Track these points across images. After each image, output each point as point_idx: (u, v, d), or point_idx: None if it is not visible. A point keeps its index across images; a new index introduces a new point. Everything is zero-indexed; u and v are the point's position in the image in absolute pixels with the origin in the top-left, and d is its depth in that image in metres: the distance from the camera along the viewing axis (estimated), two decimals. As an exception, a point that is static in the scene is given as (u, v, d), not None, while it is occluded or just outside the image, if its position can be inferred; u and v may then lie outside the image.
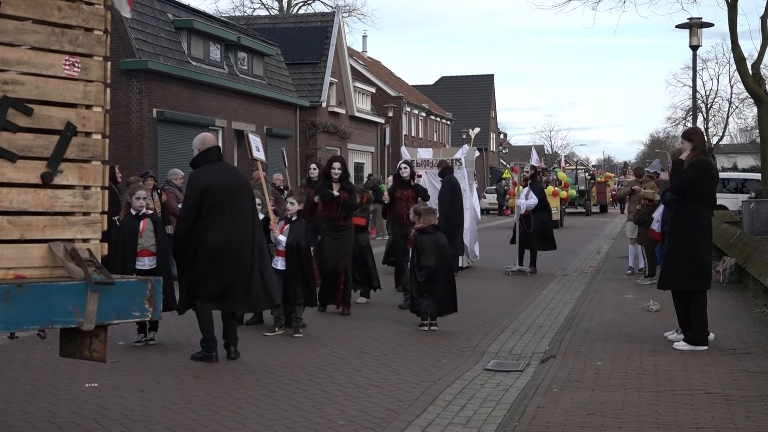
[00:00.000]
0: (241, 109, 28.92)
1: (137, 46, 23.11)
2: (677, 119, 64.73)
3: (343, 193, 11.08)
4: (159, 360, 8.40)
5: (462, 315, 10.96)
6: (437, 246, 10.14)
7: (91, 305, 4.45)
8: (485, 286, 14.67)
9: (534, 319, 11.06)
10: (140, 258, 9.06)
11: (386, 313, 11.46)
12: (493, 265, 16.74)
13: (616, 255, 19.69)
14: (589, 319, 10.51)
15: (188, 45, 26.24)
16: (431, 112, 58.96)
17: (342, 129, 38.32)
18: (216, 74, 27.42)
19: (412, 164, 14.32)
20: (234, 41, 28.64)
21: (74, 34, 4.73)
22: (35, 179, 4.59)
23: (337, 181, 11.14)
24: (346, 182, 11.27)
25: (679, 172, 8.35)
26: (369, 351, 8.90)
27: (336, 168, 11.14)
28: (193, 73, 25.58)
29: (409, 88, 60.32)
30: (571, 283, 14.89)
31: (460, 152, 17.27)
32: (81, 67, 4.75)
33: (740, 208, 21.12)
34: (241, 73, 29.57)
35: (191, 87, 25.60)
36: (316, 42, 36.99)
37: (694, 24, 18.32)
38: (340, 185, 11.14)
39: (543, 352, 8.84)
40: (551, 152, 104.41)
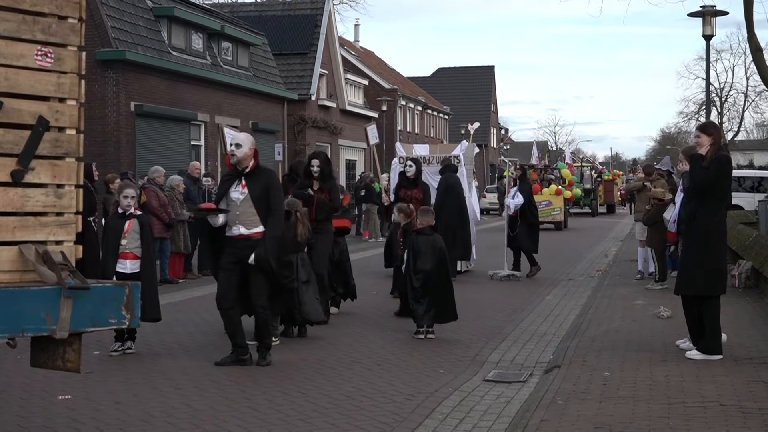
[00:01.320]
0: (224, 103, 28.90)
1: (114, 35, 23.08)
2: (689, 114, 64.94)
3: (319, 193, 11.01)
4: (137, 370, 8.38)
5: (461, 322, 10.96)
6: (434, 248, 10.15)
7: (65, 312, 4.44)
8: (485, 291, 14.68)
9: (537, 327, 11.07)
10: (122, 260, 9.05)
11: (380, 320, 11.46)
12: (493, 269, 16.76)
13: (624, 258, 19.73)
14: (595, 327, 10.52)
15: (168, 34, 26.21)
16: (428, 106, 59.02)
17: (333, 124, 38.33)
18: (198, 65, 27.40)
19: (419, 162, 14.34)
20: (217, 30, 28.63)
21: (47, 22, 4.72)
22: (5, 177, 4.58)
23: (316, 179, 11.07)
24: (327, 181, 11.13)
25: (701, 169, 8.28)
26: (361, 360, 8.89)
27: (314, 165, 11.08)
28: (173, 64, 25.55)
29: (404, 81, 60.36)
30: (576, 289, 14.91)
31: (458, 149, 17.30)
32: (54, 57, 4.73)
33: (757, 208, 21.16)
34: (225, 64, 29.55)
35: (171, 79, 25.57)
36: (305, 31, 36.98)
37: (707, 12, 18.38)
38: (319, 184, 11.08)
39: (547, 362, 8.85)
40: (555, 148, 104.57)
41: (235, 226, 8.46)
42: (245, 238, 8.40)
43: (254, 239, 8.37)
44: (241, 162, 8.48)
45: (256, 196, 8.41)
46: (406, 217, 11.21)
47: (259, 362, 8.54)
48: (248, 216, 8.42)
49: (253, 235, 8.40)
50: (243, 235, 8.43)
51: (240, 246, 8.39)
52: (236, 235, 8.45)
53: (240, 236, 8.43)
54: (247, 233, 8.42)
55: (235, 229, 8.46)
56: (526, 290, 14.71)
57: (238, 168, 8.53)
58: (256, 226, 8.42)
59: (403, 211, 11.27)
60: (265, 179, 8.53)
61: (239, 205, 8.44)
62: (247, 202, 8.43)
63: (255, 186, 8.44)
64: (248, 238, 8.40)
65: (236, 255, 8.40)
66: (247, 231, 8.43)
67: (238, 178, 8.50)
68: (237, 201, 8.45)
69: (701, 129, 8.59)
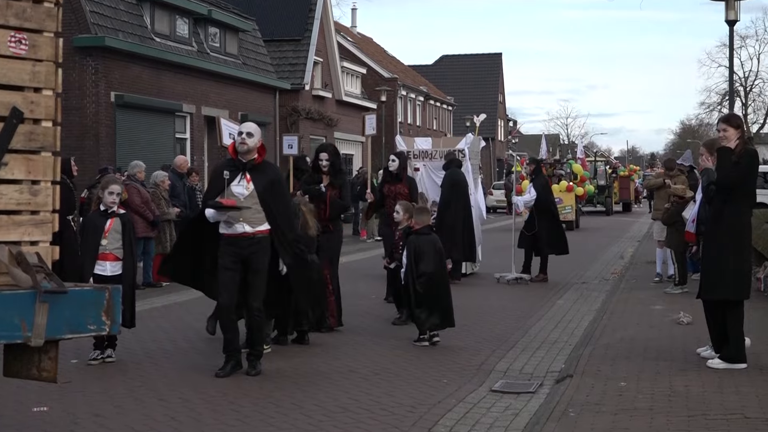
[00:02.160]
0: (212, 93, 28.90)
1: (93, 21, 23.08)
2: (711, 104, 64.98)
3: (332, 189, 10.99)
4: (118, 380, 8.39)
5: (465, 329, 10.97)
6: (435, 249, 10.16)
7: (40, 317, 4.44)
8: (491, 295, 14.68)
9: (548, 334, 11.07)
10: (101, 262, 9.05)
11: (378, 326, 11.47)
12: (500, 271, 16.75)
13: (641, 260, 19.73)
14: (610, 334, 10.53)
15: (151, 19, 26.22)
16: (430, 96, 59.04)
17: (328, 115, 38.34)
18: (183, 52, 27.39)
19: (404, 155, 14.31)
20: (204, 15, 28.63)
21: (21, 6, 4.72)
22: (-25, 173, 4.58)
23: (326, 174, 11.04)
24: (338, 177, 11.12)
25: (730, 164, 8.26)
26: (358, 369, 8.90)
27: (323, 159, 11.04)
28: (156, 52, 25.54)
29: (404, 69, 60.38)
30: (590, 293, 14.92)
31: (463, 142, 17.28)
32: (29, 44, 4.73)
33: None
34: (213, 52, 29.55)
35: (155, 67, 25.57)
36: (299, 16, 36.98)
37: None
38: (330, 180, 11.04)
39: (558, 371, 8.85)
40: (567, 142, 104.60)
41: (238, 223, 8.39)
42: (249, 237, 8.39)
43: (259, 237, 8.39)
44: (249, 153, 8.43)
45: (261, 191, 8.38)
46: (409, 217, 11.22)
47: (249, 371, 8.54)
48: (253, 213, 8.38)
49: (258, 233, 8.40)
50: (247, 234, 8.39)
51: (244, 245, 8.37)
52: (239, 234, 8.39)
53: (244, 234, 8.39)
54: (252, 231, 8.39)
55: (239, 226, 8.39)
56: (536, 294, 14.71)
57: (242, 160, 8.46)
58: (261, 223, 8.41)
59: (408, 211, 11.27)
60: (271, 174, 8.56)
61: (243, 201, 8.38)
62: (252, 197, 8.39)
63: (260, 180, 8.41)
64: (253, 236, 8.39)
65: (239, 255, 8.37)
66: (251, 229, 8.40)
67: (241, 172, 8.43)
68: (241, 196, 8.39)
69: (727, 121, 8.51)
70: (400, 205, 11.43)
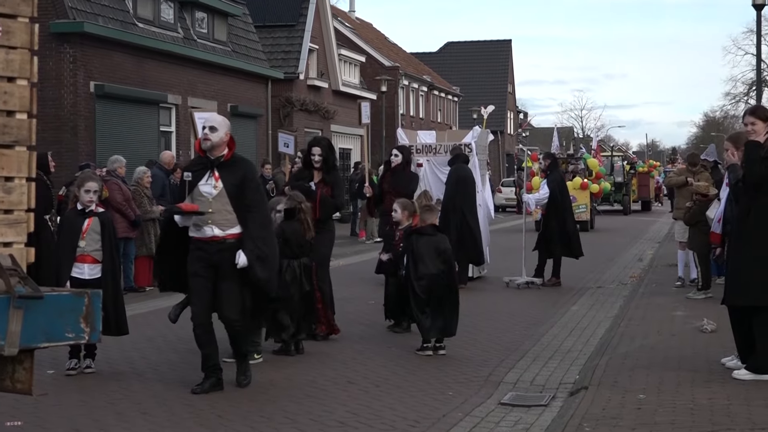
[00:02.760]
0: (199, 83, 28.90)
1: (71, 5, 23.08)
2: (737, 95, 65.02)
3: (322, 186, 10.98)
4: (97, 393, 8.38)
5: (472, 337, 10.97)
6: (438, 250, 10.14)
7: (14, 325, 4.44)
8: (500, 300, 14.68)
9: (561, 342, 11.08)
10: (79, 264, 9.05)
11: (378, 334, 11.47)
12: (509, 275, 16.76)
13: (662, 263, 19.73)
14: (628, 342, 10.52)
15: (134, 3, 26.21)
16: (434, 86, 59.05)
17: (324, 107, 38.34)
18: (168, 39, 27.39)
19: (406, 149, 14.33)
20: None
21: (-7, -11, 4.71)
22: (-56, 169, 4.57)
23: (318, 170, 11.05)
24: (331, 174, 11.12)
25: (759, 159, 8.21)
26: (357, 381, 8.90)
27: (316, 154, 11.04)
28: (139, 38, 25.54)
29: (407, 57, 60.38)
30: (606, 298, 14.92)
31: (469, 136, 17.30)
32: (1, 30, 4.73)
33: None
34: (200, 38, 29.54)
35: (137, 55, 25.56)
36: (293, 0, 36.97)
37: (758, -22, 18.34)
38: (321, 176, 11.05)
39: (572, 383, 8.85)
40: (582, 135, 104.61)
41: (206, 226, 8.19)
42: (219, 241, 8.20)
43: (230, 242, 8.18)
44: (215, 149, 8.27)
45: (231, 190, 8.20)
46: (409, 216, 11.22)
47: (240, 380, 8.49)
48: (223, 214, 8.22)
49: (228, 237, 8.20)
50: (217, 237, 8.20)
51: (213, 250, 8.18)
52: (208, 237, 8.22)
53: (213, 238, 8.21)
54: (222, 235, 8.20)
55: (207, 229, 8.21)
56: (548, 300, 14.71)
57: (210, 156, 8.31)
58: (232, 226, 8.21)
59: (407, 209, 11.24)
60: (242, 171, 8.31)
61: (211, 202, 8.22)
62: (221, 197, 8.21)
63: (230, 178, 8.22)
64: (223, 240, 8.20)
65: (209, 260, 8.20)
66: (221, 232, 8.20)
67: (209, 170, 8.28)
68: (209, 196, 8.22)
69: (754, 113, 8.48)
70: (399, 203, 11.40)
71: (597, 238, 27.52)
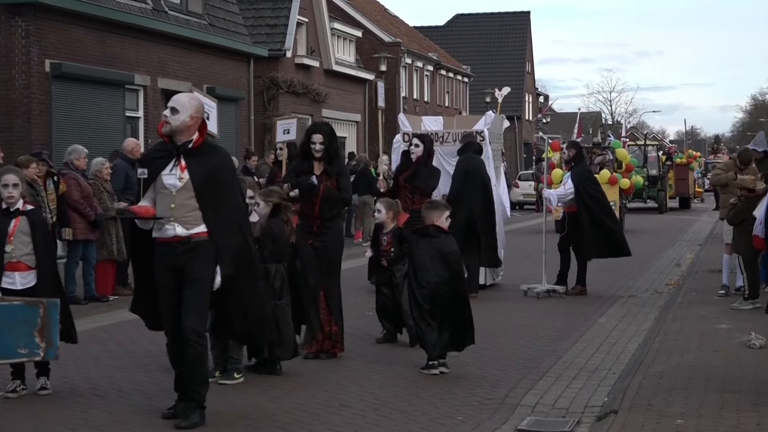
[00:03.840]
0: (171, 61, 28.86)
1: (23, -29, 23.04)
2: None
3: (326, 179, 10.89)
4: (53, 417, 8.37)
5: (485, 353, 10.96)
6: (441, 254, 10.13)
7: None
8: (517, 311, 14.68)
9: (587, 359, 11.08)
10: (9, 273, 8.94)
11: (376, 350, 11.48)
12: (528, 282, 16.76)
13: (703, 268, 19.73)
14: (664, 359, 10.53)
15: (96, -31, 26.17)
16: (441, 65, 59.03)
17: (315, 89, 38.32)
18: (135, 11, 27.36)
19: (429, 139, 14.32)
20: (161, -36, 28.65)
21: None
22: None
23: (319, 160, 10.95)
24: (335, 164, 11.01)
25: None
26: (353, 404, 8.90)
27: (317, 142, 10.93)
28: (102, 10, 25.49)
29: (409, 32, 60.36)
30: (639, 309, 14.92)
31: (481, 122, 17.29)
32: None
33: None
34: (171, 10, 29.52)
35: (100, 29, 25.51)
36: (278, -35, 36.96)
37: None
38: (323, 168, 10.95)
39: (600, 406, 8.86)
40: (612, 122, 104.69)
41: (168, 224, 8.04)
42: (183, 241, 8.02)
43: (196, 242, 8.00)
44: (177, 134, 8.08)
45: (199, 183, 8.02)
46: (394, 217, 11.27)
47: (179, 424, 8.01)
48: (187, 210, 8.03)
49: (194, 236, 8.01)
50: (180, 237, 8.02)
51: (176, 252, 8.01)
52: (170, 237, 8.05)
53: (176, 238, 8.04)
54: (186, 234, 8.02)
55: (169, 228, 8.04)
56: (573, 311, 14.72)
57: (176, 143, 8.12)
58: (198, 224, 8.03)
59: (392, 209, 11.30)
60: (214, 160, 8.16)
61: (175, 195, 8.04)
62: (186, 191, 8.03)
63: (198, 169, 8.04)
64: (187, 240, 8.02)
65: (172, 264, 8.04)
66: (185, 231, 8.02)
67: (174, 158, 8.09)
68: (172, 189, 8.04)
69: None
70: (383, 203, 11.46)
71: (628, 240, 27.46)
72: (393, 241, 11.50)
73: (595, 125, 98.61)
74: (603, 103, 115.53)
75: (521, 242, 24.88)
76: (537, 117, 78.23)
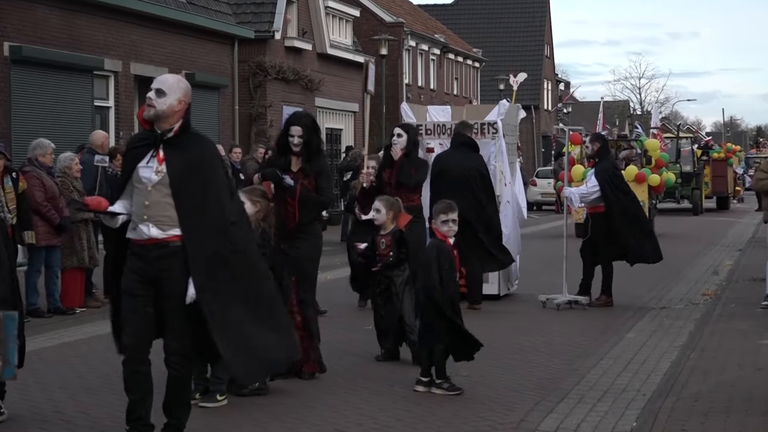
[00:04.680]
0: (145, 44, 28.86)
1: (-21, -57, 23.07)
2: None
3: (302, 178, 10.85)
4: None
5: (498, 372, 10.96)
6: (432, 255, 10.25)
7: None
8: (534, 325, 14.67)
9: (613, 380, 11.07)
10: None
11: (375, 369, 11.49)
12: (546, 292, 16.75)
13: (745, 276, 19.73)
14: (701, 379, 10.52)
15: (61, -59, 26.19)
16: (449, 48, 59.06)
17: (307, 75, 38.31)
18: (105, -13, 27.37)
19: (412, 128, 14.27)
20: (134, -66, 28.65)
21: None
22: None
23: (297, 155, 10.92)
24: (314, 160, 10.97)
25: None
26: (349, 429, 8.89)
27: (295, 135, 10.88)
28: (68, -14, 25.52)
29: (413, 11, 60.41)
30: (672, 322, 14.91)
31: (494, 112, 17.25)
32: None
33: None
34: (146, -14, 29.55)
35: (66, 8, 25.54)
36: (266, -64, 36.98)
37: None
38: (301, 164, 10.93)
39: (628, 431, 8.85)
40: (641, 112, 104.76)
41: (142, 223, 7.82)
42: (160, 244, 7.82)
43: (174, 246, 7.80)
44: (162, 120, 7.89)
45: (176, 178, 7.82)
46: (394, 217, 11.30)
47: None
48: (162, 208, 7.82)
49: (172, 239, 7.81)
50: (155, 240, 7.81)
51: (151, 257, 7.81)
52: (144, 239, 7.84)
53: (150, 241, 7.84)
54: (162, 237, 7.81)
55: (143, 228, 7.81)
56: (597, 324, 14.71)
57: (157, 130, 7.93)
58: (174, 226, 7.87)
59: (392, 208, 11.33)
60: (196, 152, 7.97)
61: (150, 191, 7.83)
62: (163, 186, 7.83)
63: (178, 161, 7.85)
64: (163, 243, 7.81)
65: (145, 271, 7.83)
66: (161, 233, 7.81)
67: (153, 147, 7.89)
68: (148, 183, 7.84)
69: None
70: (382, 201, 11.45)
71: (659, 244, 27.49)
72: (392, 244, 11.49)
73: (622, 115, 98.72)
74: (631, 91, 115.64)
75: (539, 247, 24.87)
76: (557, 106, 78.27)
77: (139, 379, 7.91)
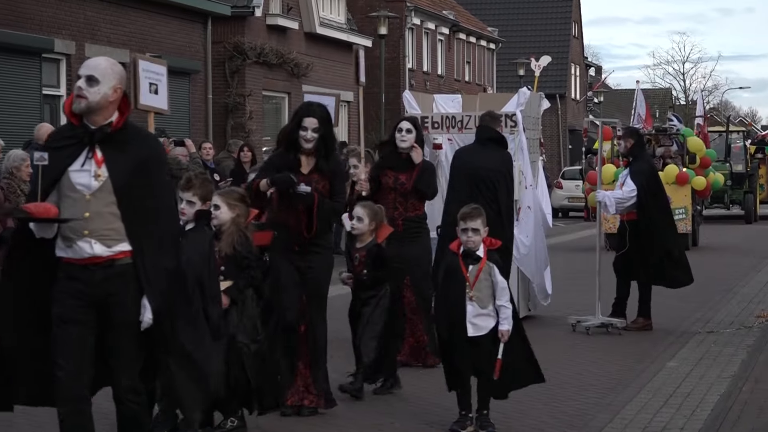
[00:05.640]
0: (102, 22, 28.89)
1: None
2: None
3: (319, 179, 10.79)
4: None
5: (519, 407, 11.02)
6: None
7: None
8: (561, 351, 14.71)
9: (652, 416, 11.12)
10: None
11: (374, 401, 11.59)
12: (575, 313, 16.80)
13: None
14: (754, 415, 10.58)
15: None
16: (460, 28, 59.06)
17: (293, 58, 38.32)
18: (56, -44, 27.45)
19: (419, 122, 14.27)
20: None
21: None
22: None
23: (309, 152, 10.86)
24: (328, 159, 10.85)
25: None
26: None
27: (309, 128, 10.83)
28: (13, -45, 25.61)
29: (418, -17, 60.46)
30: (720, 349, 14.94)
31: (513, 102, 17.26)
32: None
33: None
34: (104, -45, 29.62)
35: (10, -20, 25.62)
36: None
37: None
38: (316, 164, 10.86)
39: (670, 477, 8.90)
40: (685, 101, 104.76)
41: (81, 239, 7.57)
42: (104, 264, 7.61)
43: (122, 264, 7.60)
44: (94, 112, 7.66)
45: (122, 182, 7.61)
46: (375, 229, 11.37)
47: None
48: (106, 221, 7.60)
49: (118, 256, 7.61)
50: (99, 259, 7.60)
51: (94, 279, 7.59)
52: (84, 258, 7.60)
53: (93, 260, 7.61)
54: (107, 254, 7.59)
55: (83, 245, 7.56)
56: (633, 351, 14.75)
57: (88, 125, 7.67)
58: (123, 240, 7.62)
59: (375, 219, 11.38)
60: (144, 151, 7.77)
61: (90, 201, 7.58)
62: (105, 193, 7.60)
63: (122, 163, 7.64)
64: (110, 263, 7.62)
65: (89, 296, 7.60)
66: (105, 250, 7.59)
67: (87, 147, 7.65)
68: (86, 191, 7.60)
69: None
70: (364, 209, 11.43)
71: (704, 259, 27.52)
72: (367, 260, 11.43)
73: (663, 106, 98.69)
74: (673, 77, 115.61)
75: (567, 261, 24.91)
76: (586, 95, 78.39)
77: (79, 421, 7.70)
